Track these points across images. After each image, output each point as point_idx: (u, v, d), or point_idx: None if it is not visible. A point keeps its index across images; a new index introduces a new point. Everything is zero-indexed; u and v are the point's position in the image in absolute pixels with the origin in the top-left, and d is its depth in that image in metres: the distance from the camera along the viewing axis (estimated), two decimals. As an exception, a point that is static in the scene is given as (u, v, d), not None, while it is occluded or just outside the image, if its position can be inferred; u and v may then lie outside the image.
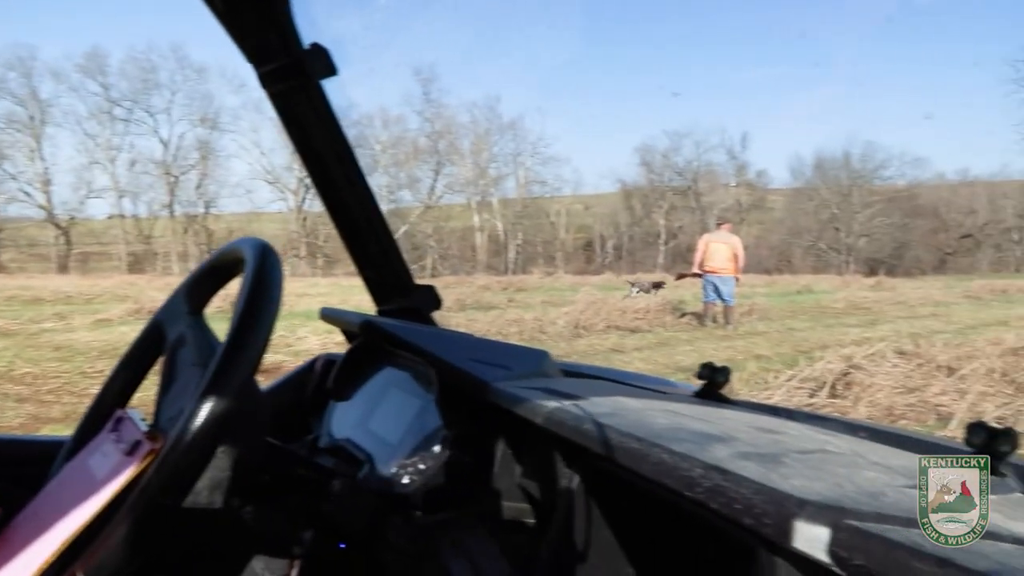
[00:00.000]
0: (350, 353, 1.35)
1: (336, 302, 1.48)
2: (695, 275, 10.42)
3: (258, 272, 0.80)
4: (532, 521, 0.95)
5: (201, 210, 38.49)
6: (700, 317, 10.31)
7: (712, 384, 0.97)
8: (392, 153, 40.89)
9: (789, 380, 5.35)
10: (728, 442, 0.62)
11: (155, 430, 0.82)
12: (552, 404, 0.78)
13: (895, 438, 0.75)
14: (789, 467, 0.55)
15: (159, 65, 37.53)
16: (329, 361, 1.46)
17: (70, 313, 10.91)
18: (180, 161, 38.19)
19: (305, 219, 37.94)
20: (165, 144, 37.79)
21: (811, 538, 0.44)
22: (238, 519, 0.93)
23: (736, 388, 5.39)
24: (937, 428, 4.27)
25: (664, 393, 1.00)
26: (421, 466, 0.99)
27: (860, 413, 4.61)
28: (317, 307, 1.65)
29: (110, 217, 38.83)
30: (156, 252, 37.47)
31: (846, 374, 5.25)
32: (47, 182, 36.61)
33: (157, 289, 15.18)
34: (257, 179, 39.39)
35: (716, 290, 9.99)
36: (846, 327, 10.04)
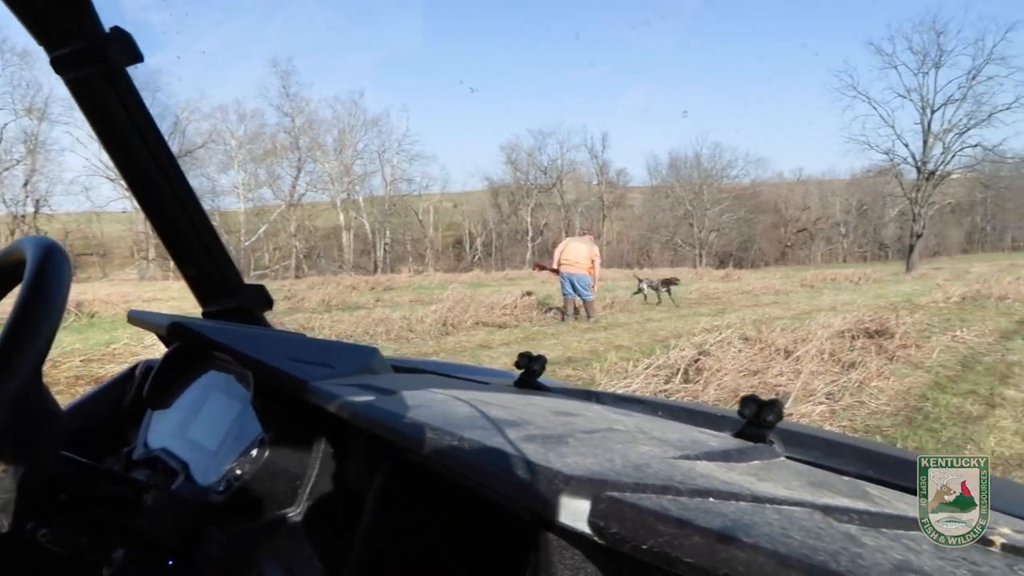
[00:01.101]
0: (167, 358, 1.27)
1: (189, 306, 1.38)
2: (553, 270, 10.73)
3: (38, 274, 0.72)
4: (348, 518, 0.94)
5: (30, 209, 34.83)
6: (562, 312, 10.62)
7: (529, 372, 1.00)
8: (249, 149, 38.96)
9: (647, 368, 5.60)
10: (521, 427, 0.64)
11: None
12: (361, 399, 0.77)
13: (686, 413, 0.82)
14: (570, 447, 0.57)
15: (-26, 49, 33.55)
16: (148, 367, 1.37)
17: None
18: (3, 155, 34.35)
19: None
20: (-15, 136, 33.84)
21: (574, 511, 0.46)
22: (32, 543, 0.84)
23: (597, 378, 5.58)
24: (776, 406, 4.61)
25: (485, 383, 1.02)
26: (238, 472, 0.94)
27: (709, 396, 4.91)
28: (166, 312, 1.53)
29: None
30: (-24, 256, 33.58)
31: (697, 360, 5.57)
32: None
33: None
34: (96, 176, 36.13)
35: (572, 286, 10.34)
36: (699, 316, 10.66)
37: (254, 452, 0.95)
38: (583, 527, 0.46)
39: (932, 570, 0.37)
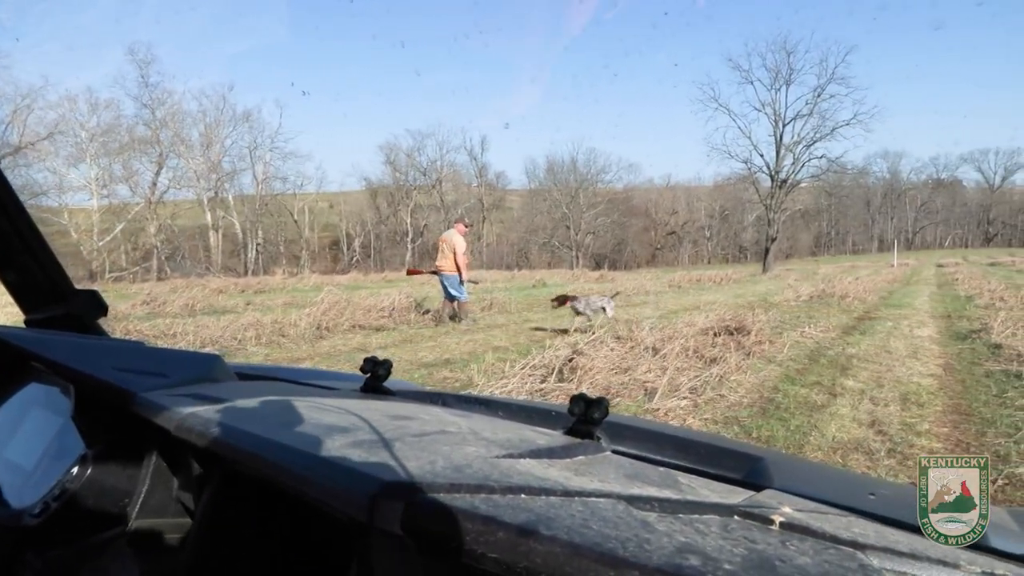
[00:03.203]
0: None
1: (15, 313, 1.21)
2: (432, 272, 10.52)
3: None
4: (177, 531, 0.88)
5: None
6: (436, 317, 10.40)
7: (374, 377, 1.00)
8: (103, 141, 36.03)
9: (523, 368, 5.68)
10: (352, 433, 0.64)
11: None
12: (191, 410, 0.72)
13: (524, 412, 0.84)
14: (396, 451, 0.58)
15: None
16: None
17: None
18: None
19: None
20: None
21: (388, 514, 0.47)
22: None
23: (475, 379, 5.60)
24: (644, 402, 4.81)
25: (331, 389, 1.00)
26: (57, 492, 0.86)
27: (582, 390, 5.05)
28: None
29: None
30: None
31: (571, 359, 5.71)
32: None
33: None
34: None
35: (444, 287, 10.19)
36: (573, 317, 10.96)
37: (75, 470, 0.88)
38: (396, 529, 0.47)
39: (712, 550, 0.39)
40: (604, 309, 9.02)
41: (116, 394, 0.87)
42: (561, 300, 9.10)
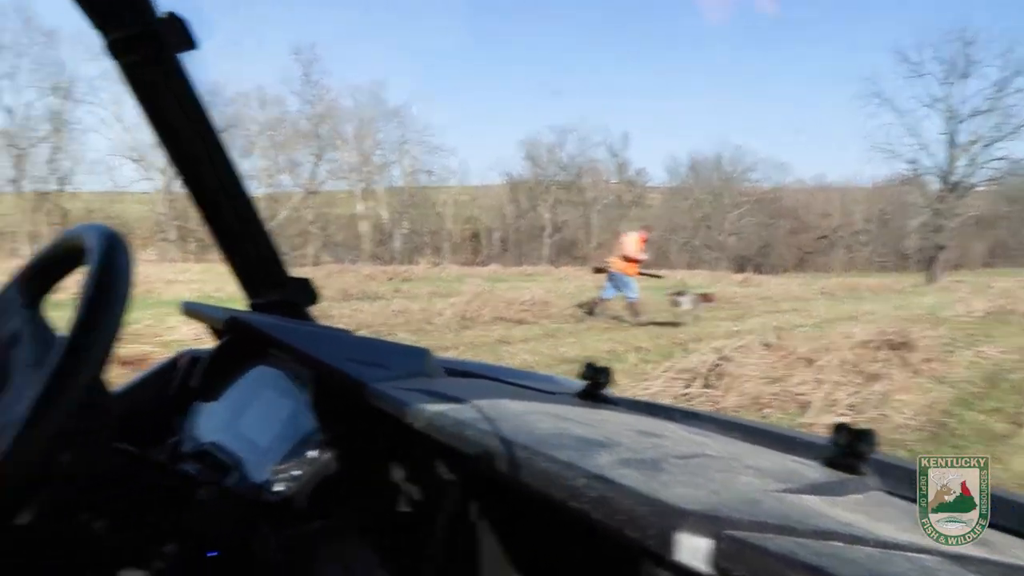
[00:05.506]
0: (218, 350, 1.25)
1: (211, 289, 1.37)
2: (602, 270, 10.78)
3: (104, 263, 0.71)
4: (413, 528, 0.92)
5: (54, 187, 35.14)
6: (632, 309, 10.22)
7: (595, 384, 0.97)
8: (271, 135, 39.07)
9: (666, 371, 5.58)
10: (610, 448, 0.62)
11: None
12: (433, 408, 0.75)
13: (767, 436, 0.78)
14: (669, 474, 0.55)
15: (1, 26, 33.80)
16: (194, 358, 1.35)
17: None
18: (28, 132, 34.64)
19: (174, 201, 35.49)
20: (9, 113, 34.15)
21: (693, 549, 0.44)
22: (87, 535, 0.84)
23: (618, 379, 5.56)
24: (797, 415, 4.58)
25: (547, 393, 0.99)
26: (295, 472, 0.93)
27: (730, 402, 4.88)
28: (188, 295, 1.52)
29: (-52, 191, 34.70)
30: (1, 231, 33.89)
31: (718, 365, 5.54)
32: None
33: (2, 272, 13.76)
34: (119, 156, 36.37)
35: (615, 286, 10.23)
36: (718, 321, 10.60)
37: (311, 453, 0.94)
38: (704, 567, 0.44)
39: None
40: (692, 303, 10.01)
41: (350, 383, 0.92)
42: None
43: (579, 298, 11.49)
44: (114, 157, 36.87)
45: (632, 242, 10.40)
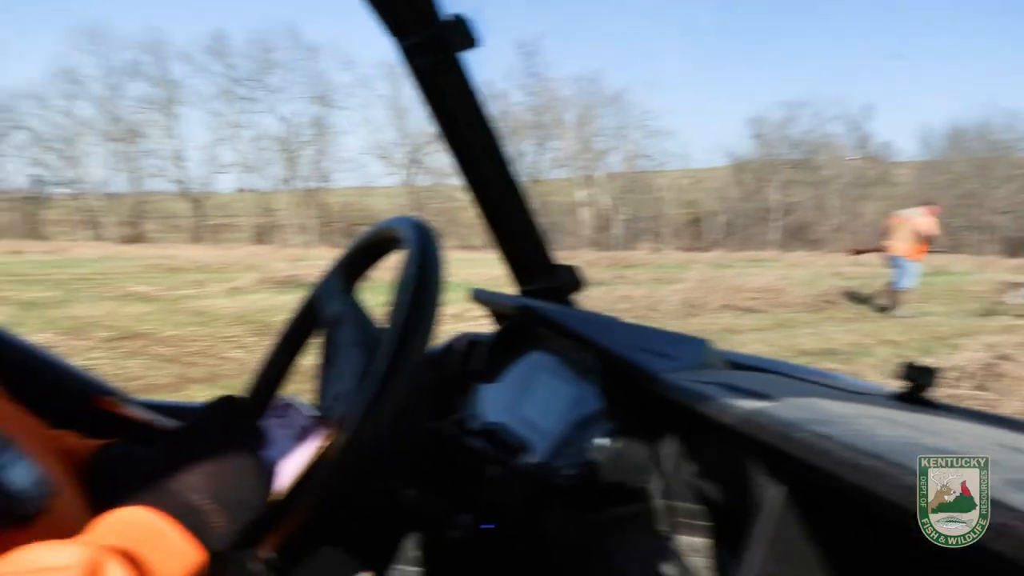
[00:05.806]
0: (500, 334, 1.32)
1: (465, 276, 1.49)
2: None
3: (422, 252, 0.77)
4: (705, 525, 0.89)
5: (317, 184, 40.18)
6: (890, 296, 9.29)
7: (917, 387, 0.83)
8: (501, 127, 41.15)
9: (928, 368, 4.98)
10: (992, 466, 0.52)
11: (325, 416, 0.81)
12: (746, 404, 0.72)
13: None
14: None
15: (276, 45, 39.14)
16: (471, 341, 1.44)
17: (205, 281, 11.74)
18: (297, 137, 39.91)
19: (411, 192, 38.83)
20: (283, 121, 39.60)
21: None
22: (399, 502, 0.92)
23: (865, 374, 5.09)
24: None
25: (858, 394, 0.89)
26: (588, 458, 0.94)
27: (1010, 409, 4.25)
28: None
29: (240, 191, 41.23)
30: (277, 224, 39.45)
31: (994, 364, 4.83)
32: (180, 158, 39.45)
33: (281, 259, 15.99)
34: (367, 154, 40.65)
35: (901, 270, 9.11)
36: (985, 313, 9.24)
37: (601, 440, 0.95)
38: None
39: None
40: None
41: (640, 373, 0.93)
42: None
43: (816, 285, 10.63)
44: (363, 155, 41.15)
45: (921, 220, 9.03)
